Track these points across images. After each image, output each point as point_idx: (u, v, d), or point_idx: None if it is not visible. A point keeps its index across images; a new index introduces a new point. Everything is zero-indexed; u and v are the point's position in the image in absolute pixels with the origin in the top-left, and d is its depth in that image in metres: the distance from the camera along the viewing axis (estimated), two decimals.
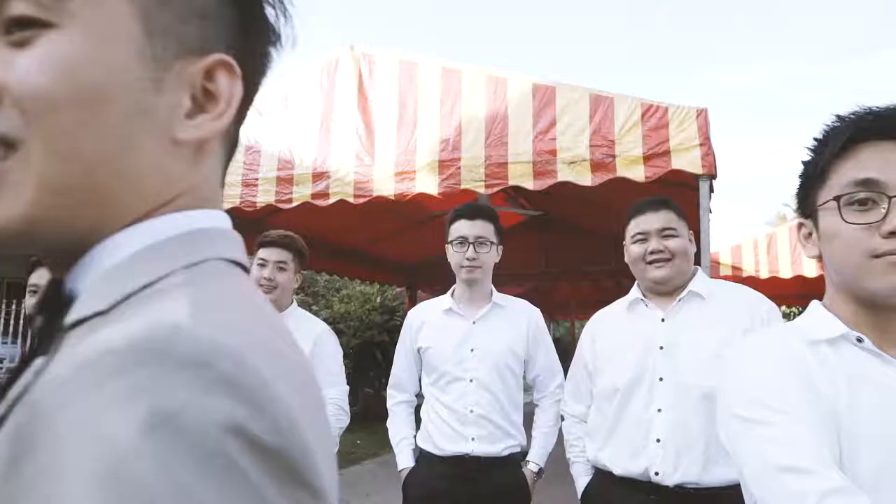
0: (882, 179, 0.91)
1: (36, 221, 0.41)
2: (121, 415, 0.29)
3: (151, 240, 0.44)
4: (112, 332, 0.33)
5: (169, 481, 0.28)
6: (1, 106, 0.40)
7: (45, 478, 0.29)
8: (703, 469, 1.76)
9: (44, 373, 0.36)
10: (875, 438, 0.89)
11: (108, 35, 0.43)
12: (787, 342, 1.03)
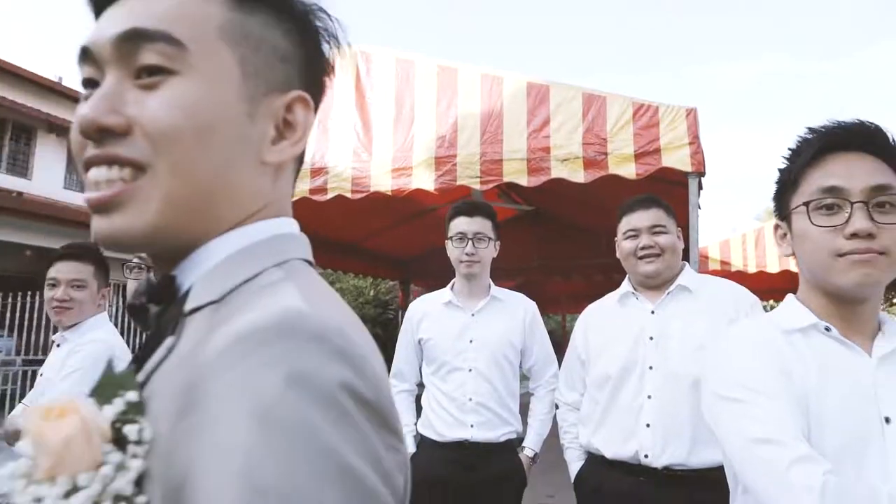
0: (846, 187, 1.02)
1: (159, 229, 0.51)
2: (268, 375, 0.39)
3: (245, 243, 0.54)
4: (252, 315, 0.43)
5: (303, 422, 0.38)
6: (133, 137, 0.50)
7: (215, 419, 0.38)
8: (690, 452, 1.87)
9: (176, 348, 0.47)
10: (839, 417, 1.00)
11: (217, 80, 0.53)
12: (764, 331, 1.14)
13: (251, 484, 0.35)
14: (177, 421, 0.40)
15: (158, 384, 0.45)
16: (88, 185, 0.52)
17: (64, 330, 2.13)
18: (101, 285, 2.18)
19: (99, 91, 0.51)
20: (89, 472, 0.39)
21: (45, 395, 2.00)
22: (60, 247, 2.16)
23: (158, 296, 0.53)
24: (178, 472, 0.39)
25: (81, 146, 0.52)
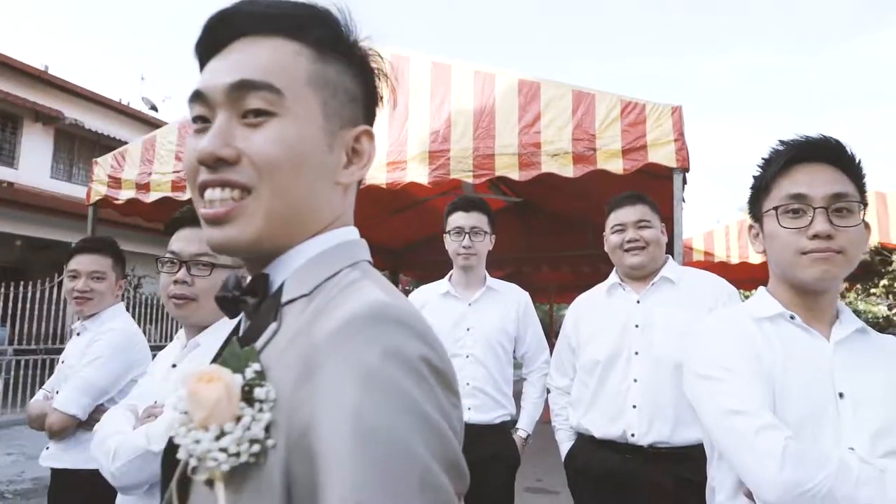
0: (809, 194, 1.17)
1: (261, 238, 0.65)
2: (368, 351, 0.52)
3: (324, 248, 0.67)
4: (350, 306, 0.56)
5: (395, 383, 0.51)
6: (241, 165, 0.63)
7: (331, 383, 0.51)
8: (673, 430, 2.03)
9: (280, 331, 0.60)
10: (800, 393, 1.16)
11: (306, 120, 0.66)
12: (737, 319, 1.30)
13: (360, 426, 0.49)
14: (297, 385, 0.54)
15: (271, 358, 0.58)
16: (203, 202, 0.65)
17: (84, 319, 2.25)
18: (119, 277, 2.30)
19: (213, 128, 0.64)
20: (231, 422, 0.53)
21: (68, 381, 2.11)
22: (79, 240, 2.27)
23: (254, 290, 0.66)
24: (301, 422, 0.52)
25: (195, 171, 0.65)
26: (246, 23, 0.67)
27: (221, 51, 0.68)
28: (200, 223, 1.49)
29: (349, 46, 0.71)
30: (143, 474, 1.31)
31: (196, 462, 0.54)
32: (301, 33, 0.68)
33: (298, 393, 0.53)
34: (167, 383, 1.47)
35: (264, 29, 0.67)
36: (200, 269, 1.47)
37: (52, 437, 2.08)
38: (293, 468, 0.52)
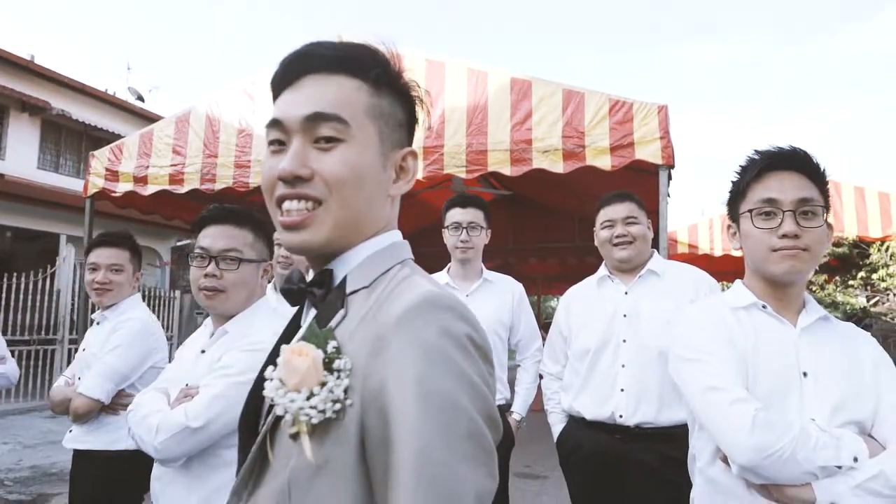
0: (780, 198, 1.33)
1: (329, 241, 0.79)
2: (427, 330, 0.66)
3: (377, 248, 0.81)
4: (409, 296, 0.70)
5: (447, 356, 0.66)
6: (315, 182, 0.77)
7: (399, 356, 0.65)
8: (658, 412, 2.20)
9: (348, 316, 0.74)
10: (769, 373, 1.32)
11: (366, 145, 0.79)
12: (716, 309, 1.46)
13: (422, 388, 0.63)
14: (370, 357, 0.68)
15: (343, 336, 0.72)
16: (281, 212, 0.79)
17: (104, 309, 2.37)
18: (136, 269, 2.42)
19: (291, 151, 0.78)
20: (318, 386, 0.67)
21: (91, 368, 2.23)
22: (98, 234, 2.39)
23: (321, 282, 0.80)
24: (374, 385, 0.66)
25: (274, 185, 0.79)
26: (316, 62, 0.81)
27: (293, 84, 0.82)
28: (223, 223, 1.61)
29: (397, 81, 0.85)
30: (183, 448, 1.45)
31: (290, 417, 0.68)
32: (360, 72, 0.81)
33: (371, 363, 0.67)
34: (197, 368, 1.60)
35: (330, 68, 0.81)
36: (228, 264, 1.60)
37: (76, 420, 2.20)
38: (367, 422, 0.67)
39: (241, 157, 5.04)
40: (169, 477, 1.54)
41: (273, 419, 0.73)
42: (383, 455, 0.65)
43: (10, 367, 2.70)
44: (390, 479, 0.64)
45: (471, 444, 0.65)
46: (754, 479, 1.23)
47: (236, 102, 5.14)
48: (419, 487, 0.62)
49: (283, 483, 0.70)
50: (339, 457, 0.68)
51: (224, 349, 1.57)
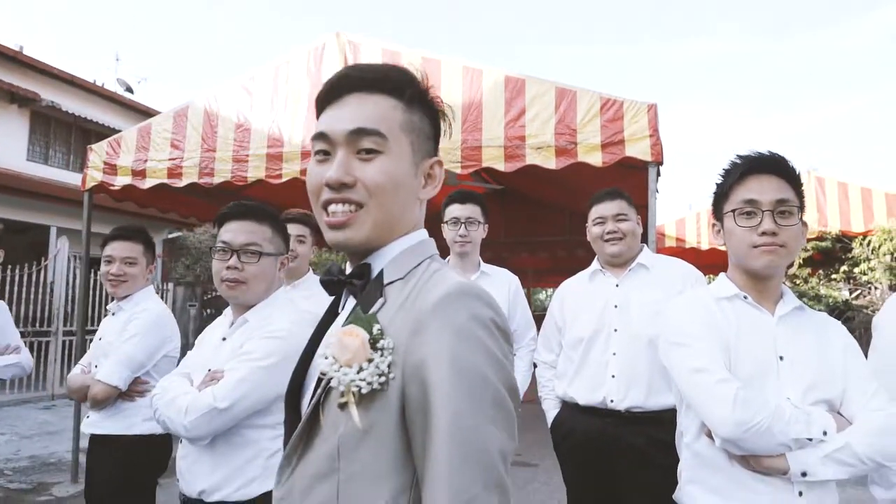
0: (759, 199, 1.46)
1: (368, 239, 0.90)
2: (459, 315, 0.78)
3: (408, 245, 0.93)
4: (442, 287, 0.81)
5: (476, 336, 0.77)
6: (357, 188, 0.88)
7: (436, 337, 0.77)
8: (647, 397, 2.33)
9: (386, 304, 0.86)
10: (749, 357, 1.45)
11: (401, 156, 0.91)
12: (702, 299, 1.59)
13: (455, 364, 0.76)
14: (410, 338, 0.80)
15: (384, 321, 0.84)
16: (327, 213, 0.90)
17: (119, 300, 2.47)
18: (149, 262, 2.52)
19: (337, 161, 0.89)
20: (366, 362, 0.79)
21: (107, 356, 2.34)
22: (114, 228, 2.48)
23: (360, 274, 0.92)
24: (414, 361, 0.78)
25: (320, 190, 0.90)
26: (357, 83, 0.93)
27: (337, 102, 0.93)
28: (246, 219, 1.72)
29: (426, 98, 0.97)
30: (210, 427, 1.56)
31: (342, 389, 0.80)
32: (396, 91, 0.93)
33: (412, 343, 0.79)
34: (220, 354, 1.72)
35: (370, 88, 0.92)
36: (249, 257, 1.71)
37: (94, 406, 2.30)
38: (408, 391, 0.79)
39: (240, 151, 5.11)
40: (194, 456, 1.65)
41: (322, 392, 0.85)
42: (422, 419, 0.77)
43: (24, 357, 2.79)
44: (428, 438, 0.76)
45: (495, 409, 0.77)
46: (735, 450, 1.37)
47: (234, 98, 5.22)
48: (453, 444, 0.74)
49: (333, 447, 0.82)
50: (383, 422, 0.80)
51: (245, 337, 1.68)
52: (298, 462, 0.88)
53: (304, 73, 5.04)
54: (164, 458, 2.43)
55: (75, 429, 5.42)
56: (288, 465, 0.89)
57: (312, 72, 5.03)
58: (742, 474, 1.39)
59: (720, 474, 1.43)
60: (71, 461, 5.59)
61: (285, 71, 5.12)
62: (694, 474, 1.49)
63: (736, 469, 1.40)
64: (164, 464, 2.44)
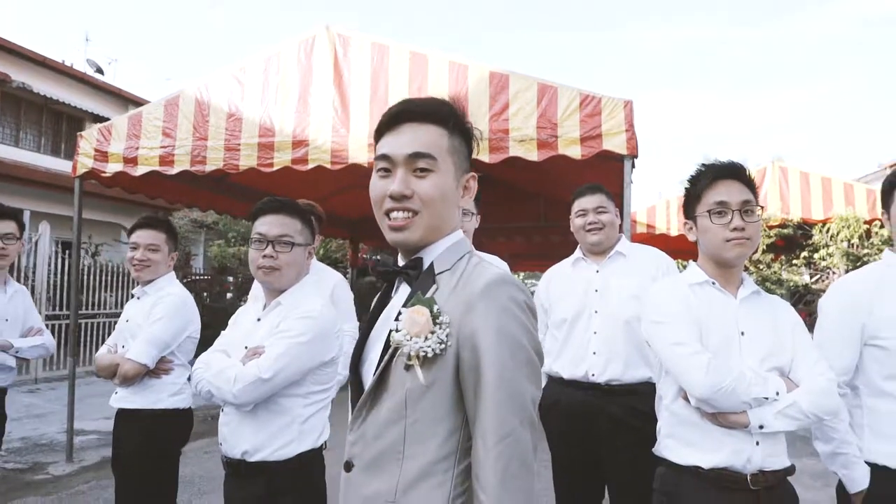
0: (729, 201, 1.73)
1: (421, 238, 1.14)
2: (501, 297, 1.03)
3: (451, 243, 1.17)
4: (486, 276, 1.06)
5: (514, 313, 1.02)
6: (413, 199, 1.11)
7: (484, 313, 1.01)
8: (624, 371, 2.61)
9: (439, 289, 1.10)
10: (717, 332, 1.73)
11: (447, 173, 1.14)
12: (677, 285, 1.86)
13: (499, 332, 1.00)
14: (462, 315, 1.04)
15: (439, 302, 1.08)
16: (389, 219, 1.13)
17: (144, 285, 2.66)
18: (171, 250, 2.71)
19: (398, 178, 1.12)
20: (430, 333, 1.03)
21: (135, 337, 2.53)
22: (140, 217, 2.67)
23: (414, 266, 1.16)
24: (467, 332, 1.02)
25: (383, 199, 1.13)
26: (411, 115, 1.16)
27: (395, 129, 1.16)
28: (278, 213, 1.94)
29: (463, 126, 1.20)
30: (255, 395, 1.79)
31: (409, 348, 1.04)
32: (442, 122, 1.16)
33: (464, 318, 1.04)
34: (256, 333, 1.94)
35: (422, 119, 1.15)
36: (283, 247, 1.93)
37: (123, 382, 2.50)
38: (462, 355, 1.03)
39: (231, 140, 5.25)
40: (236, 422, 1.87)
41: (389, 358, 1.09)
42: (474, 375, 1.02)
43: (47, 338, 2.96)
44: (479, 388, 1.01)
45: (528, 367, 1.03)
46: (707, 408, 1.65)
47: (225, 87, 5.35)
48: (498, 391, 1.00)
49: (401, 399, 1.07)
50: (441, 378, 1.05)
51: (281, 317, 1.90)
52: (369, 412, 1.12)
53: (295, 65, 5.19)
54: (185, 430, 2.65)
55: (69, 411, 5.58)
56: (359, 416, 1.13)
57: (303, 63, 5.18)
58: (711, 428, 1.67)
59: (693, 429, 1.71)
60: (64, 442, 5.76)
61: (276, 62, 5.26)
62: (672, 430, 1.78)
63: (706, 424, 1.68)
64: (186, 436, 2.66)
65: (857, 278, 1.96)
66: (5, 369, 2.81)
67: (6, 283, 2.88)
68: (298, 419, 1.87)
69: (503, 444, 1.00)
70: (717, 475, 1.64)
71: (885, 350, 1.79)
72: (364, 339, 1.22)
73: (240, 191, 7.46)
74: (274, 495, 1.83)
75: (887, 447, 1.78)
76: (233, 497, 1.89)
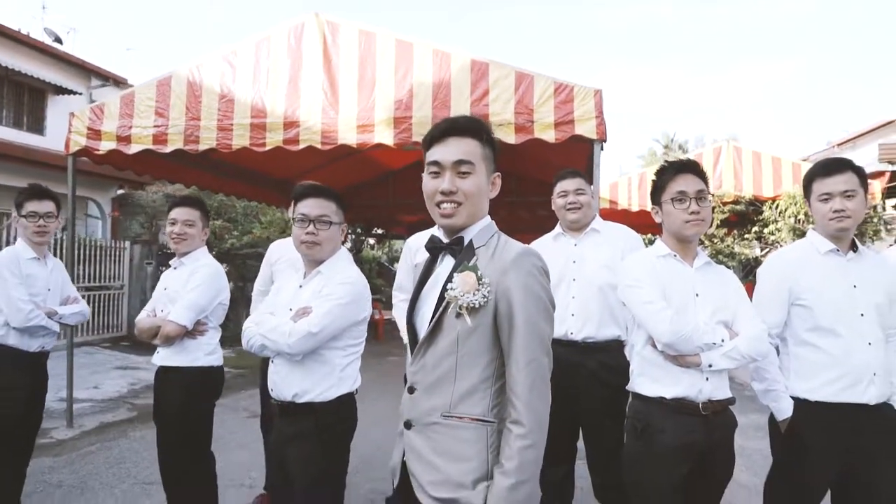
0: (687, 190, 2.17)
1: (463, 223, 1.54)
2: (526, 264, 1.44)
3: (483, 225, 1.57)
4: (516, 249, 1.46)
5: (536, 276, 1.45)
6: (458, 193, 1.51)
7: (515, 276, 1.42)
8: (597, 330, 3.07)
9: (478, 259, 1.50)
10: (677, 294, 2.17)
11: (481, 175, 1.54)
12: (647, 257, 2.30)
13: (526, 289, 1.41)
14: (499, 277, 1.43)
15: (481, 268, 1.47)
16: (440, 209, 1.53)
17: (180, 256, 2.99)
18: (204, 225, 3.04)
19: (447, 179, 1.51)
20: (476, 290, 1.43)
21: (174, 302, 2.88)
22: (178, 196, 2.98)
23: (458, 243, 1.55)
24: (503, 290, 1.42)
25: (435, 194, 1.52)
26: (455, 130, 1.54)
27: (442, 141, 1.55)
28: (317, 197, 2.34)
29: (491, 137, 1.59)
30: (306, 346, 2.16)
31: (463, 301, 1.44)
32: (478, 135, 1.56)
33: (500, 280, 1.44)
34: (300, 297, 2.31)
35: (463, 133, 1.54)
36: (322, 225, 2.29)
37: (164, 342, 2.84)
38: (499, 306, 1.44)
39: (224, 120, 5.50)
40: (286, 371, 2.25)
41: (442, 309, 1.49)
42: (508, 320, 1.43)
43: (83, 305, 3.27)
44: (511, 330, 1.42)
45: (546, 313, 1.45)
46: (670, 352, 2.11)
47: (217, 70, 5.57)
48: (526, 331, 1.42)
49: (453, 339, 1.47)
50: (483, 323, 1.46)
51: (322, 284, 2.28)
52: (427, 349, 1.52)
53: (285, 50, 5.45)
54: (219, 386, 3.01)
55: (69, 379, 5.83)
56: (419, 352, 1.54)
57: (293, 48, 5.44)
58: (672, 368, 2.13)
59: (659, 369, 2.17)
60: (59, 409, 6.03)
61: (266, 47, 5.51)
62: (642, 370, 2.23)
63: (668, 365, 2.14)
64: (219, 390, 3.02)
65: (787, 252, 2.44)
66: (50, 334, 3.11)
67: (46, 257, 3.17)
68: (338, 368, 2.26)
69: (530, 367, 1.42)
70: (676, 403, 2.11)
71: (807, 308, 2.27)
72: (416, 298, 1.62)
73: (222, 167, 7.69)
74: (318, 430, 2.22)
75: (806, 384, 2.27)
76: (284, 432, 2.28)
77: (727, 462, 2.16)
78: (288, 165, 7.89)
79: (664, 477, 2.10)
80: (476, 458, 1.46)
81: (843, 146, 18.79)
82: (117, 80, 16.90)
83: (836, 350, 2.23)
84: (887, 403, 2.27)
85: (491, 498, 1.42)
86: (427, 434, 1.52)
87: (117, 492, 4.10)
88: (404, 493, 1.58)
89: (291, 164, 7.71)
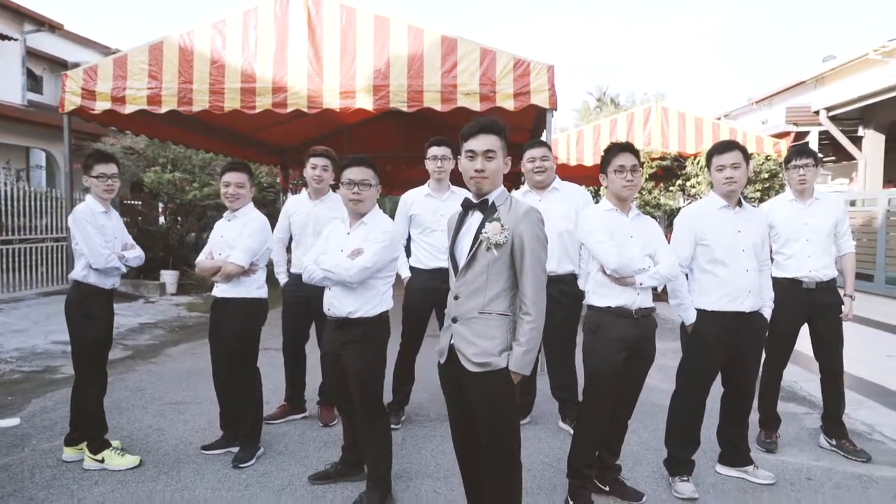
0: (625, 164, 3.06)
1: (489, 189, 2.36)
2: (532, 217, 2.28)
3: (500, 191, 2.39)
4: (524, 207, 2.32)
5: (539, 225, 2.29)
6: (486, 171, 2.33)
7: (525, 224, 2.27)
8: (557, 266, 4.00)
9: (499, 213, 2.35)
10: (619, 236, 3.10)
11: (501, 159, 2.36)
12: (598, 210, 3.22)
13: (532, 234, 2.26)
14: (514, 225, 2.27)
15: (501, 218, 2.34)
16: (473, 181, 2.36)
17: (233, 212, 3.72)
18: (251, 185, 3.76)
19: (479, 161, 2.32)
20: (502, 232, 2.29)
21: (232, 247, 3.61)
22: (229, 161, 3.67)
23: (485, 203, 2.40)
24: (518, 233, 2.26)
25: (471, 171, 2.35)
26: (484, 129, 2.35)
27: (475, 136, 2.36)
28: (360, 165, 3.20)
29: (506, 133, 2.44)
30: (361, 277, 2.97)
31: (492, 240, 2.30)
32: (500, 133, 2.37)
33: (515, 227, 2.27)
34: (349, 242, 3.12)
35: (490, 131, 2.35)
36: (364, 187, 3.08)
37: (224, 279, 3.59)
38: (514, 243, 2.29)
39: (216, 84, 6.06)
40: (342, 295, 3.06)
41: (476, 246, 2.35)
42: (520, 252, 2.30)
43: (139, 251, 3.94)
44: (523, 260, 2.29)
45: (543, 247, 2.33)
46: (615, 275, 3.03)
47: (207, 37, 6.09)
48: (532, 261, 2.29)
49: (485, 264, 2.32)
50: (505, 254, 2.32)
51: (367, 231, 3.08)
52: (467, 271, 2.38)
53: (272, 21, 6.03)
54: (266, 313, 3.78)
55: None
56: (462, 273, 2.38)
57: (279, 19, 6.02)
58: (615, 286, 3.04)
59: (606, 287, 3.09)
60: (57, 350, 6.58)
61: (254, 17, 6.06)
62: (595, 290, 3.16)
63: (613, 284, 3.05)
64: (265, 317, 3.80)
65: (693, 207, 3.43)
66: (118, 273, 3.77)
67: (110, 211, 3.80)
68: (380, 292, 3.10)
69: (535, 279, 2.30)
70: (618, 310, 3.06)
71: (707, 247, 3.26)
72: (455, 237, 2.47)
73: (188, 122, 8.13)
74: (366, 336, 3.08)
75: (705, 299, 3.28)
76: (337, 340, 3.11)
77: (650, 349, 3.15)
78: (248, 120, 8.34)
79: (610, 360, 3.07)
80: (500, 337, 2.35)
81: (762, 103, 20.27)
82: (53, 24, 16.45)
83: (726, 275, 3.24)
84: (758, 312, 3.32)
85: (511, 360, 2.33)
86: (469, 325, 2.40)
87: (151, 410, 4.77)
88: (450, 364, 2.47)
89: (251, 120, 8.16)
